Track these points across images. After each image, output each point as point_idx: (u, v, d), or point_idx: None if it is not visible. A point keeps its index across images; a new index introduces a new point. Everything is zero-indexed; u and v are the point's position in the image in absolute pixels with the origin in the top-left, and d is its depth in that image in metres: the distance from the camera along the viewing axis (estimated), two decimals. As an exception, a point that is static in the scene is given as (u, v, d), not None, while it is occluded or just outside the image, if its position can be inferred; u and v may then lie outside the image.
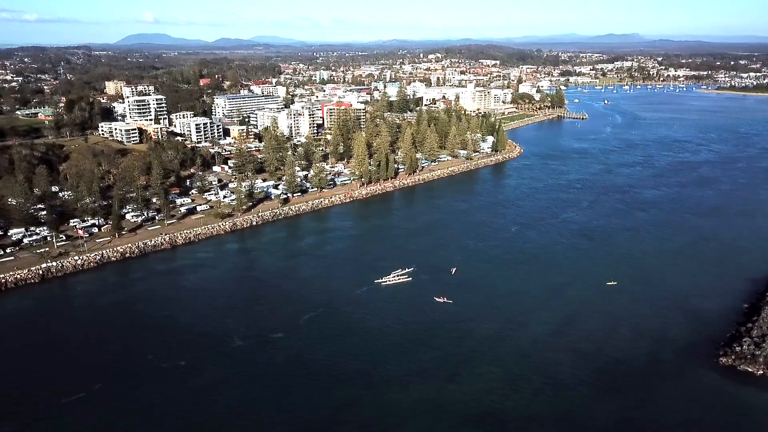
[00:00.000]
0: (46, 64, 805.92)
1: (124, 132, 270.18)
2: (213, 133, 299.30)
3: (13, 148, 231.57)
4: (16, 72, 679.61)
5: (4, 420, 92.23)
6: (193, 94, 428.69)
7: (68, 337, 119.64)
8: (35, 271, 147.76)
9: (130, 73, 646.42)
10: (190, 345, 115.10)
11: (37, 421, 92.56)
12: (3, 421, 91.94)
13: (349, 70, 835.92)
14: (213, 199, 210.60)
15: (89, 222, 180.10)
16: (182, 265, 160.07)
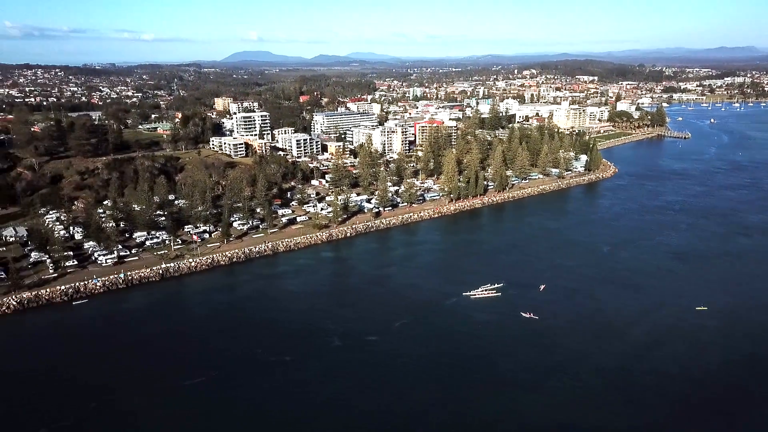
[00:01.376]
0: (162, 81, 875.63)
1: (232, 146, 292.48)
2: (312, 149, 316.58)
3: (137, 160, 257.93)
4: (136, 88, 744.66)
5: (137, 396, 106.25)
6: (293, 111, 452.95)
7: (186, 329, 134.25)
8: (156, 271, 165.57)
9: (236, 90, 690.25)
10: (293, 342, 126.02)
11: (164, 398, 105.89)
12: (136, 396, 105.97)
13: (442, 86, 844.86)
14: (311, 210, 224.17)
15: (201, 228, 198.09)
16: (284, 271, 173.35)
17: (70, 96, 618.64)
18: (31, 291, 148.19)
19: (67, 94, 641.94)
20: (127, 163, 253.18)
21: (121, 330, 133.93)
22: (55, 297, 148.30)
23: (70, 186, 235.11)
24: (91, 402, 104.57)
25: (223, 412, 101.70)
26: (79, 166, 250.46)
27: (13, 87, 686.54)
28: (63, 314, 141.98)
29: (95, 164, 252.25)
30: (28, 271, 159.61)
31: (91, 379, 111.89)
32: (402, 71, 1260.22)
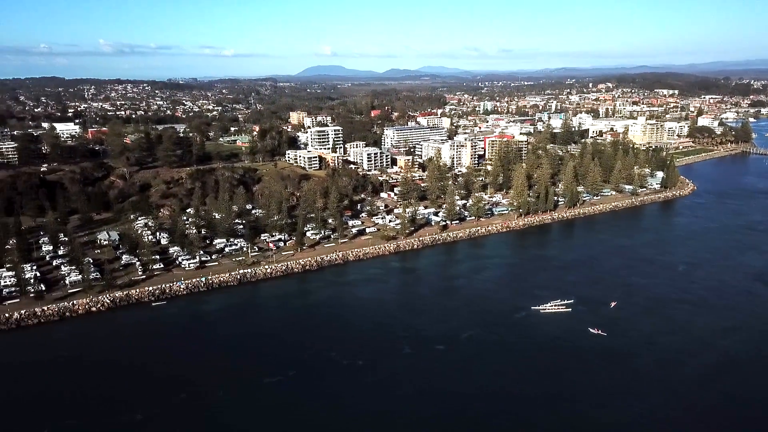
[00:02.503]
0: (240, 95, 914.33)
1: (306, 159, 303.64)
2: (382, 162, 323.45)
3: (218, 171, 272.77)
4: (216, 102, 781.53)
5: (221, 390, 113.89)
6: (365, 125, 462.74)
7: (264, 331, 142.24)
8: (234, 276, 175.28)
9: (310, 104, 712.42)
10: (365, 347, 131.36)
11: (245, 394, 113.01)
12: (220, 390, 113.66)
13: (514, 100, 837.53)
14: (380, 222, 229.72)
15: (277, 237, 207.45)
16: (355, 279, 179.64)
17: (157, 109, 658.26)
18: (122, 291, 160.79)
19: (153, 107, 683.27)
20: (209, 173, 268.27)
21: (204, 329, 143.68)
22: (143, 297, 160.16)
23: (158, 194, 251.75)
24: (180, 393, 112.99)
25: (302, 409, 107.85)
26: (165, 176, 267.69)
27: (106, 101, 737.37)
28: (150, 313, 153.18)
29: (180, 174, 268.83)
30: (120, 273, 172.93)
31: (177, 373, 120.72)
32: (473, 85, 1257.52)
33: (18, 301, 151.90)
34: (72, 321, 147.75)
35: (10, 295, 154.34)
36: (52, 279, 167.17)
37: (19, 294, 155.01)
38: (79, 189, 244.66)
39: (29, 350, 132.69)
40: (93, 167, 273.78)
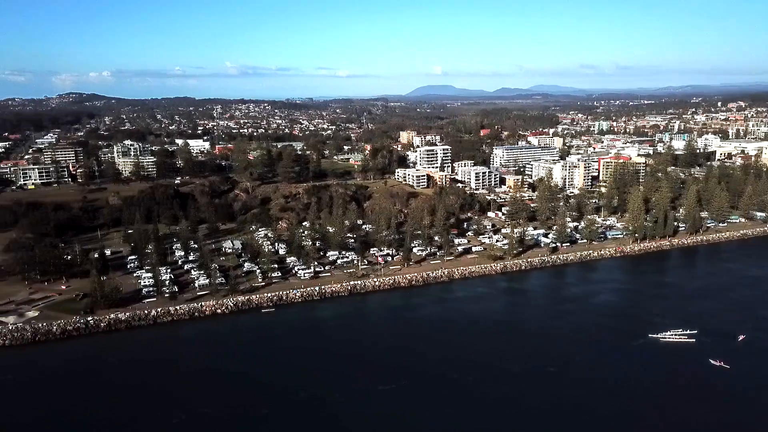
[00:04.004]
0: (353, 114, 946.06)
1: (415, 177, 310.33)
2: (490, 181, 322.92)
3: (332, 187, 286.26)
4: (330, 121, 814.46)
5: (338, 394, 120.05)
6: (473, 144, 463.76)
7: (374, 340, 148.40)
8: (345, 287, 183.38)
9: (420, 123, 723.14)
10: (475, 364, 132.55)
11: (362, 399, 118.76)
12: (337, 394, 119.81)
13: (632, 120, 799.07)
14: (487, 241, 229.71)
15: (385, 251, 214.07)
16: (461, 297, 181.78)
17: (276, 127, 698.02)
18: (244, 295, 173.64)
19: (273, 125, 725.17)
20: (324, 189, 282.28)
21: (318, 336, 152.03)
22: (262, 303, 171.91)
23: (277, 208, 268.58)
24: (300, 394, 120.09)
25: (417, 418, 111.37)
26: (284, 191, 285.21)
27: (231, 119, 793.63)
28: (267, 318, 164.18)
29: (297, 189, 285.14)
30: (242, 279, 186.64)
31: (296, 375, 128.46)
32: (587, 104, 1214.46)
33: (155, 300, 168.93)
34: (200, 321, 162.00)
35: (149, 295, 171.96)
36: (183, 282, 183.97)
37: (156, 294, 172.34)
38: (207, 201, 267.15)
39: (163, 345, 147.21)
40: (220, 181, 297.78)
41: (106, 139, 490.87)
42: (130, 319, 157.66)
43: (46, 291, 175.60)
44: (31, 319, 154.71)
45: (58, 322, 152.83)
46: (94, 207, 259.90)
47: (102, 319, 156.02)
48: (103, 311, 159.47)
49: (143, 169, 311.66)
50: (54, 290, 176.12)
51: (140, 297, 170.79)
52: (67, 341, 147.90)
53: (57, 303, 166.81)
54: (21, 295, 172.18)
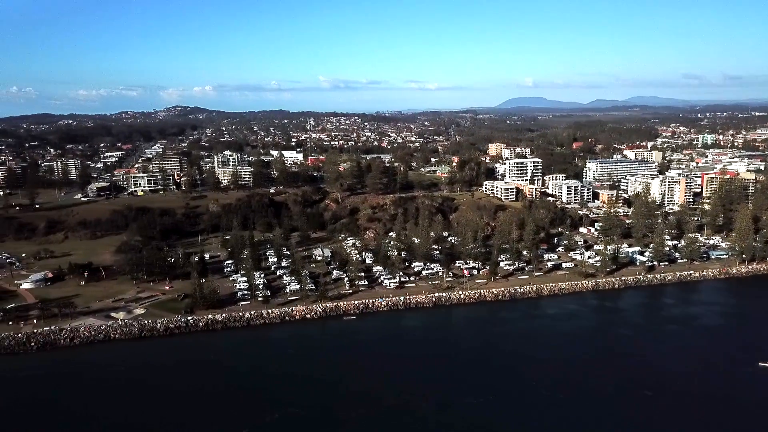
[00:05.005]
0: (440, 127, 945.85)
1: (503, 190, 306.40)
2: (582, 196, 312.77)
3: (418, 199, 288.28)
4: (418, 134, 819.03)
5: (425, 403, 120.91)
6: (565, 157, 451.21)
7: (459, 352, 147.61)
8: (430, 298, 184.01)
9: (509, 136, 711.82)
10: (564, 382, 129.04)
11: (449, 410, 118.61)
12: (423, 403, 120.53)
13: (740, 133, 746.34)
14: (578, 258, 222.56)
15: (471, 264, 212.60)
16: (550, 313, 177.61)
17: (365, 140, 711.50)
18: (332, 302, 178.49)
19: (363, 138, 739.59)
20: (411, 201, 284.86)
21: (402, 344, 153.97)
22: (349, 309, 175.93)
23: (365, 218, 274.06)
24: (389, 400, 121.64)
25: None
26: (372, 202, 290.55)
27: (322, 132, 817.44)
28: (354, 324, 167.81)
29: (385, 201, 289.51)
30: (331, 286, 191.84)
31: (384, 381, 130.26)
32: (690, 116, 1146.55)
33: (249, 303, 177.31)
34: (290, 324, 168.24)
35: (243, 298, 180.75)
36: (275, 286, 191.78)
37: (250, 297, 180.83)
38: (300, 209, 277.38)
39: (256, 346, 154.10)
40: (312, 191, 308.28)
41: (208, 149, 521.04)
42: (226, 320, 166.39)
43: (151, 290, 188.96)
44: (138, 316, 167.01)
45: (162, 319, 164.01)
46: (196, 213, 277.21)
47: (200, 318, 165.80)
48: (202, 312, 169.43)
49: (241, 178, 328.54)
50: (158, 290, 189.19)
51: (235, 300, 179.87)
52: (169, 338, 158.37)
53: (161, 302, 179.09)
54: (130, 293, 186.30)
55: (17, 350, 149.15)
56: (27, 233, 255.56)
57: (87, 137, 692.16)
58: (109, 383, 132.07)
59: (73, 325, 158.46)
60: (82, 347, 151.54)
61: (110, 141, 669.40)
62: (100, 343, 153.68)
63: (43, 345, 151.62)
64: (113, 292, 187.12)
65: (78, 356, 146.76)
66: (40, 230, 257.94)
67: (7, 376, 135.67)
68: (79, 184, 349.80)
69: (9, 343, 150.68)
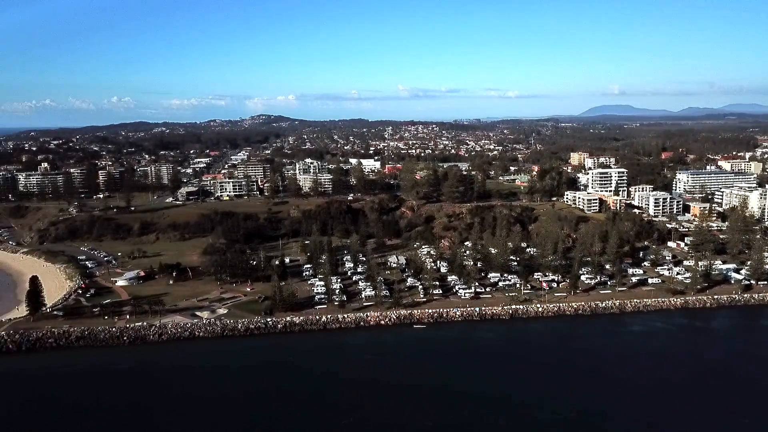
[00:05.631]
0: (521, 135, 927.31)
1: (585, 201, 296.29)
2: (671, 208, 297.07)
3: (496, 208, 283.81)
4: (497, 142, 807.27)
5: (503, 419, 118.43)
6: (653, 168, 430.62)
7: (538, 366, 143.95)
8: (506, 310, 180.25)
9: (592, 145, 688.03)
10: (648, 406, 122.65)
11: (530, 428, 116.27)
12: (502, 419, 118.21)
13: None
14: (665, 273, 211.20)
15: (550, 277, 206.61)
16: (635, 330, 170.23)
17: (443, 148, 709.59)
18: (406, 309, 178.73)
19: (440, 146, 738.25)
20: (488, 210, 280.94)
21: (478, 356, 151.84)
22: (423, 318, 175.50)
23: (440, 226, 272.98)
24: (463, 411, 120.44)
25: None
26: (448, 210, 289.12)
27: (400, 140, 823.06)
28: (429, 333, 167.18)
29: (461, 209, 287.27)
30: (405, 293, 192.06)
31: (454, 392, 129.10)
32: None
33: (325, 307, 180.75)
34: (364, 330, 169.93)
35: (320, 302, 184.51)
36: (351, 292, 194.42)
37: (327, 301, 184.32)
38: (376, 217, 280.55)
39: (332, 349, 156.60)
40: (388, 199, 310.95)
41: (290, 157, 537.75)
42: (303, 323, 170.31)
43: (234, 291, 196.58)
44: (221, 316, 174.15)
45: (243, 320, 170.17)
46: (277, 218, 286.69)
47: (279, 320, 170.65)
48: (281, 314, 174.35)
49: (321, 185, 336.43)
50: (241, 291, 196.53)
51: (313, 303, 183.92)
52: (249, 338, 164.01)
53: (242, 303, 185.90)
54: (214, 293, 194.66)
55: (111, 343, 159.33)
56: (123, 234, 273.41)
57: (178, 144, 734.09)
58: (195, 380, 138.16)
59: (161, 322, 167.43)
60: (169, 343, 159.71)
61: (199, 148, 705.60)
62: (186, 341, 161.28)
63: (134, 339, 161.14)
64: (199, 291, 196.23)
65: (165, 352, 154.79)
66: (134, 231, 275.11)
67: (109, 369, 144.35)
68: (170, 188, 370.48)
69: (104, 336, 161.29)
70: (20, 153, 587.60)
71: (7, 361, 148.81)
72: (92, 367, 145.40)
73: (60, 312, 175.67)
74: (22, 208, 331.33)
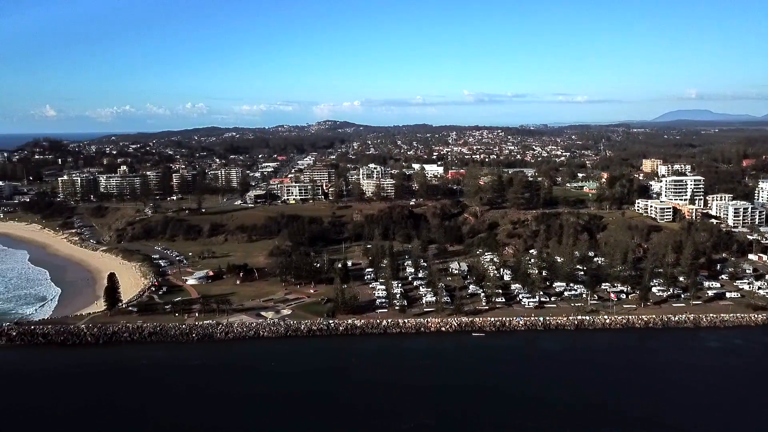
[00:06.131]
0: (589, 141, 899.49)
1: (658, 210, 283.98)
2: (753, 219, 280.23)
3: (563, 216, 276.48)
4: (564, 148, 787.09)
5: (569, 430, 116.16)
6: (733, 176, 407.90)
7: (606, 379, 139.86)
8: (572, 320, 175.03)
9: (666, 151, 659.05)
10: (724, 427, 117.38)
11: None
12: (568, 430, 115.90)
13: None
14: (745, 288, 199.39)
15: (619, 288, 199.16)
16: (711, 347, 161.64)
17: (508, 154, 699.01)
18: (467, 316, 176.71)
19: (505, 152, 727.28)
20: (554, 218, 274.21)
21: (544, 366, 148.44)
22: (485, 325, 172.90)
23: (504, 233, 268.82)
24: (528, 423, 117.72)
25: None
26: (512, 217, 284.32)
27: (464, 145, 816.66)
28: (488, 341, 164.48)
29: (526, 216, 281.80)
30: (466, 300, 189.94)
31: (519, 399, 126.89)
32: None
33: (386, 311, 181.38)
34: (425, 336, 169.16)
35: (381, 306, 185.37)
36: (412, 297, 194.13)
37: (388, 305, 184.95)
38: (438, 222, 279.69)
39: (393, 354, 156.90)
40: (451, 204, 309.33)
41: (354, 162, 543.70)
42: (364, 326, 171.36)
43: (298, 293, 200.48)
44: (285, 316, 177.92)
45: (306, 321, 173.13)
46: (341, 222, 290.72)
47: (341, 323, 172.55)
48: (342, 316, 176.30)
49: (383, 190, 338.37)
50: (304, 293, 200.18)
51: (374, 307, 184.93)
52: (311, 339, 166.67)
53: (306, 304, 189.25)
54: (278, 294, 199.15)
55: (181, 339, 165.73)
56: (194, 234, 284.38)
57: (248, 148, 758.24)
58: (262, 378, 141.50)
59: (228, 321, 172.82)
60: (235, 342, 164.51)
61: (267, 152, 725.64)
62: (251, 340, 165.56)
63: (202, 337, 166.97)
64: (264, 292, 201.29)
65: (232, 350, 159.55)
66: (204, 232, 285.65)
67: (183, 364, 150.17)
68: (239, 191, 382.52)
69: (175, 333, 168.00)
70: (102, 156, 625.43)
71: (86, 352, 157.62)
72: (165, 361, 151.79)
73: (134, 308, 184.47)
74: (102, 208, 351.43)
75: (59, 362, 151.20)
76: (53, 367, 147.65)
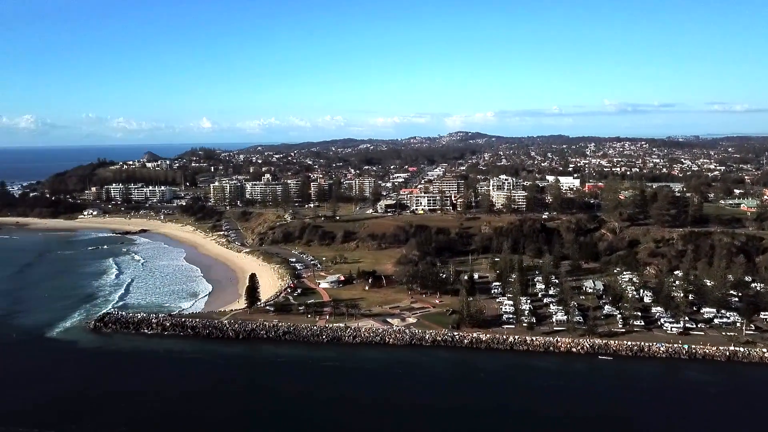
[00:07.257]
0: (749, 154, 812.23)
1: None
2: None
3: (715, 235, 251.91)
4: (719, 161, 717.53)
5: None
6: None
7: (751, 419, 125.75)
8: (722, 351, 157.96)
9: None
10: None
11: None
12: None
13: None
14: None
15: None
16: None
17: (653, 167, 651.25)
18: (601, 338, 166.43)
19: (649, 165, 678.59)
20: (704, 237, 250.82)
21: (685, 396, 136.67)
22: (620, 350, 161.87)
23: (645, 252, 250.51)
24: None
25: None
26: (655, 235, 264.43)
27: (603, 157, 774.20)
28: (625, 366, 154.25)
29: (671, 234, 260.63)
30: (600, 321, 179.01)
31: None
32: None
33: (513, 328, 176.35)
34: (553, 355, 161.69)
35: (508, 321, 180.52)
36: (541, 314, 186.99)
37: (515, 322, 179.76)
38: (572, 238, 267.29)
39: (520, 372, 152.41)
40: (587, 219, 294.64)
41: (484, 173, 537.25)
42: (490, 341, 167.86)
43: (423, 302, 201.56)
44: (410, 325, 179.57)
45: (430, 331, 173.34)
46: (468, 234, 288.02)
47: (465, 335, 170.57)
48: (467, 329, 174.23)
49: (514, 202, 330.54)
50: (429, 302, 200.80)
51: (500, 322, 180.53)
52: (435, 349, 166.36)
53: (430, 314, 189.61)
54: (404, 302, 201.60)
55: (312, 340, 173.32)
56: (328, 240, 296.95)
57: (380, 160, 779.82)
58: (391, 384, 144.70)
59: (357, 325, 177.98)
60: (361, 346, 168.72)
61: (399, 163, 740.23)
62: (376, 345, 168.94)
63: (332, 339, 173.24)
64: (390, 299, 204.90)
65: (360, 354, 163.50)
66: (338, 238, 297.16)
67: (318, 364, 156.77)
68: (371, 200, 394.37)
69: (306, 333, 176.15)
70: (249, 165, 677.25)
71: (228, 346, 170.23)
72: (301, 359, 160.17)
73: (272, 307, 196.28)
74: (247, 213, 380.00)
75: (206, 351, 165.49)
76: (204, 355, 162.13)
